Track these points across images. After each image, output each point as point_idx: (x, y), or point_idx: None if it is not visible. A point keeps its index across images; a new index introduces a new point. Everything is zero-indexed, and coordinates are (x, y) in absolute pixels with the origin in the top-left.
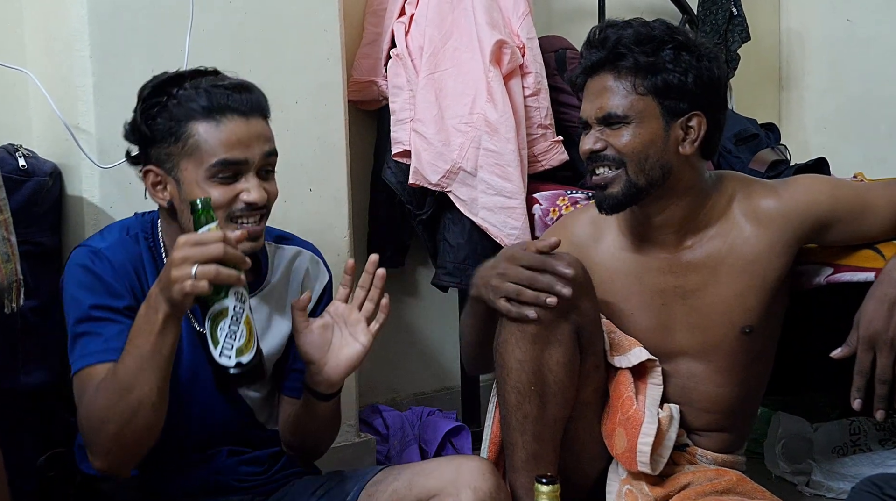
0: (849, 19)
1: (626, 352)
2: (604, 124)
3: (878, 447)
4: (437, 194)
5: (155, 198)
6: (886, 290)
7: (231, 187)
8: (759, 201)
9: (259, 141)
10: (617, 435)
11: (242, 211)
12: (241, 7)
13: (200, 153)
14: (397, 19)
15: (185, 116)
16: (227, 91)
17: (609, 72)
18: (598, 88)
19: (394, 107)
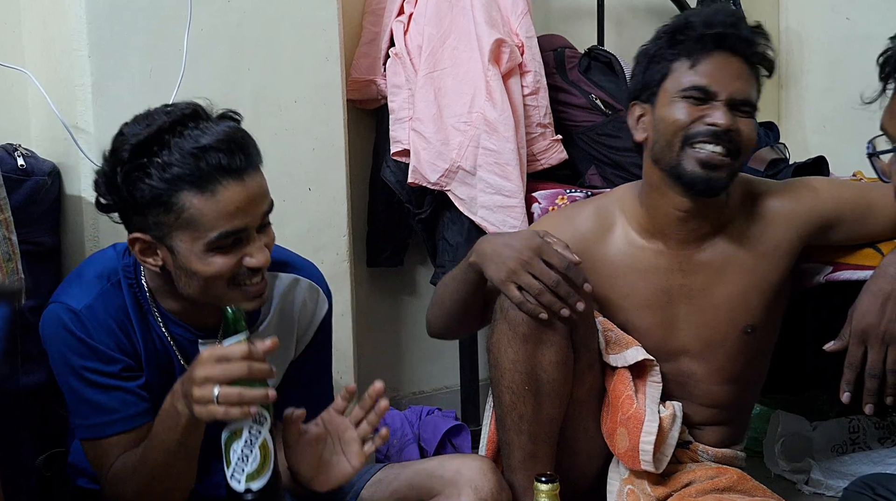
0: (848, 18)
1: (623, 351)
2: (735, 108)
3: (878, 445)
4: (436, 193)
5: (145, 264)
6: (881, 285)
7: (233, 254)
8: (765, 202)
9: (257, 202)
10: (618, 435)
11: (245, 275)
12: (240, 6)
13: (197, 227)
14: (396, 18)
15: (175, 184)
16: (218, 153)
17: (741, 58)
18: (736, 68)
19: (393, 106)
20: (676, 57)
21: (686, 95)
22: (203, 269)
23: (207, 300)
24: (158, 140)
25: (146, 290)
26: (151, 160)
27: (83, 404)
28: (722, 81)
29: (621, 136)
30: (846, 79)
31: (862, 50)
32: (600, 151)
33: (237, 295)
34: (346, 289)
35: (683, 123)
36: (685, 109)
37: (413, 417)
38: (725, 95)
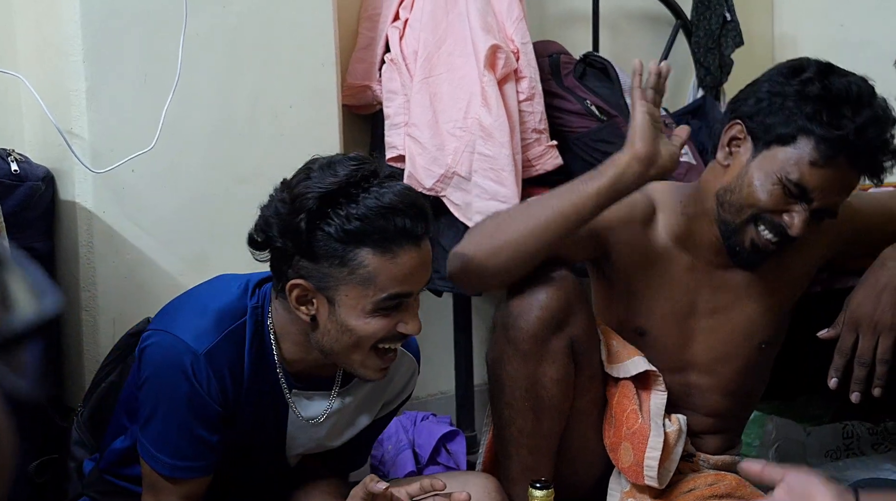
0: (842, 24)
1: (624, 361)
2: (816, 213)
3: (871, 451)
4: (431, 199)
5: (297, 312)
6: (878, 276)
7: (391, 318)
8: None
9: (427, 269)
10: (623, 449)
11: (393, 339)
12: (236, 11)
13: (370, 285)
14: (392, 24)
15: (357, 240)
16: (405, 217)
17: (855, 172)
18: (844, 183)
19: (388, 111)
20: (805, 135)
21: (786, 184)
22: (361, 327)
23: (339, 361)
24: (346, 193)
25: (270, 335)
26: (336, 211)
27: (159, 436)
28: (825, 192)
29: (616, 142)
30: None
31: (855, 56)
32: (595, 157)
33: (374, 362)
34: None
35: (764, 206)
36: (773, 192)
37: (408, 422)
38: (818, 205)
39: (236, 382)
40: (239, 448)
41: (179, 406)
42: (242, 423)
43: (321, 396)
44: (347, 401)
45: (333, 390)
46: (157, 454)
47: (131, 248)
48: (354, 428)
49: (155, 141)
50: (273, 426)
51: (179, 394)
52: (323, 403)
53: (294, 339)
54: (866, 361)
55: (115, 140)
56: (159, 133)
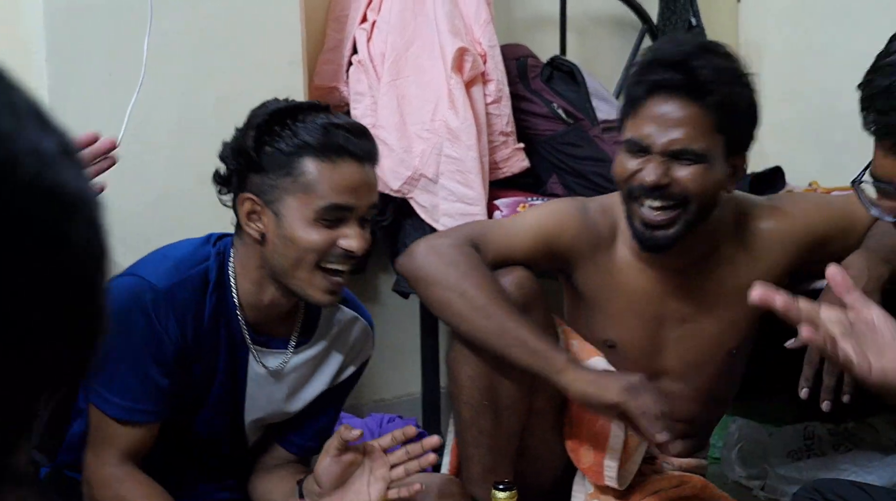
0: (805, 30)
1: (584, 361)
2: (670, 156)
3: (832, 451)
4: (398, 201)
5: (247, 227)
6: None
7: (332, 232)
8: (758, 224)
9: (369, 190)
10: (583, 450)
11: (337, 257)
12: (203, 11)
13: (311, 192)
14: (359, 25)
15: (301, 150)
16: (347, 133)
17: (691, 101)
18: (674, 115)
19: (355, 113)
20: (626, 101)
21: (626, 148)
22: (303, 237)
23: (292, 283)
24: (294, 113)
25: (231, 277)
26: (284, 128)
27: (112, 376)
28: (655, 135)
29: (583, 145)
30: (803, 89)
31: (819, 62)
32: (562, 159)
33: (320, 281)
34: None
35: (623, 176)
36: (625, 162)
37: (374, 425)
38: (661, 148)
39: (196, 324)
40: (195, 400)
41: (135, 343)
42: (200, 370)
43: (279, 352)
44: (304, 358)
45: (291, 339)
46: (106, 394)
47: None
48: (311, 390)
49: (119, 140)
50: (231, 378)
51: (137, 330)
52: (280, 357)
53: (252, 277)
54: (835, 371)
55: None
56: (123, 132)
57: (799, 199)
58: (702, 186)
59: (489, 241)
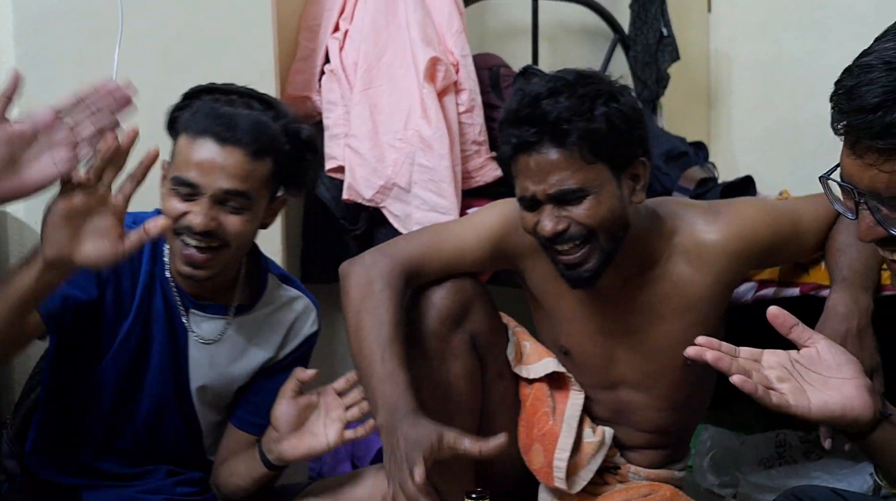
0: (775, 40)
1: (535, 363)
2: (557, 202)
3: (803, 459)
4: (370, 210)
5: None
6: (836, 326)
7: (183, 205)
8: (701, 237)
9: (222, 173)
10: (534, 451)
11: (183, 230)
12: (174, 21)
13: (174, 163)
14: (332, 35)
15: (183, 124)
16: (222, 118)
17: (552, 147)
18: (541, 165)
19: (328, 122)
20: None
21: (522, 206)
22: (163, 203)
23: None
24: (206, 92)
25: (165, 247)
26: (193, 103)
27: None
28: (534, 185)
29: None
30: (773, 99)
31: (789, 71)
32: None
33: (177, 249)
34: None
35: (529, 230)
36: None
37: None
38: (543, 196)
39: (132, 289)
40: (137, 364)
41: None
42: (138, 335)
43: (218, 317)
44: (243, 324)
45: (231, 307)
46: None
47: None
48: (253, 358)
49: None
50: (171, 342)
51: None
52: (220, 322)
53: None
54: None
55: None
56: None
57: (744, 207)
58: (597, 216)
59: (438, 255)
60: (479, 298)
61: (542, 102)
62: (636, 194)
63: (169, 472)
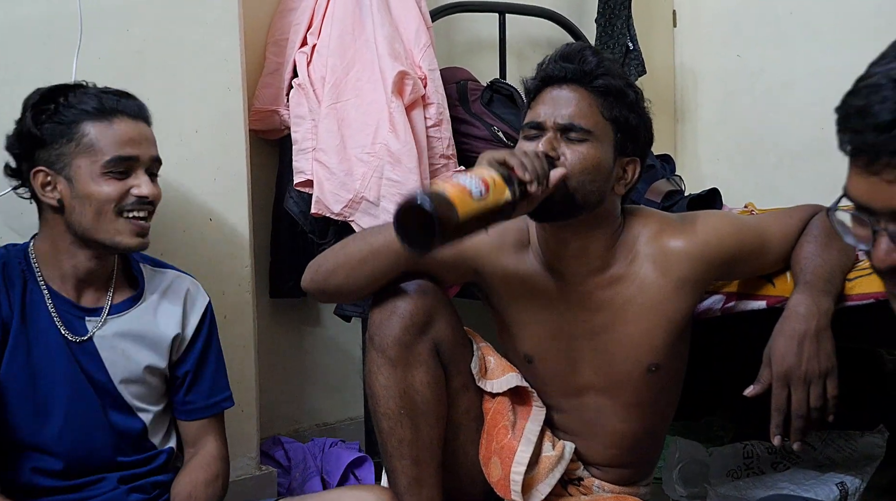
0: (739, 55)
1: (498, 377)
2: (563, 132)
3: (771, 470)
4: (339, 224)
5: (44, 198)
6: (794, 326)
7: (123, 183)
8: (666, 242)
9: (147, 143)
10: (492, 463)
11: (133, 205)
12: (140, 34)
13: (94, 151)
14: (299, 49)
15: (78, 117)
16: (116, 96)
17: (580, 86)
18: (564, 97)
19: (296, 136)
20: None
21: (523, 135)
22: (96, 191)
23: (98, 237)
24: (63, 91)
25: (32, 260)
26: (58, 102)
27: None
28: (547, 115)
29: None
30: (738, 113)
31: (751, 85)
32: None
33: (125, 227)
34: (248, 320)
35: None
36: (521, 145)
37: (316, 450)
38: (551, 123)
39: (8, 317)
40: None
41: None
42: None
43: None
44: (139, 313)
45: (108, 301)
46: None
47: None
48: (164, 338)
49: None
50: (73, 351)
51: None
52: (118, 319)
53: (60, 248)
54: (803, 413)
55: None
56: None
57: (711, 217)
58: (584, 161)
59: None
60: (443, 307)
61: (585, 53)
62: (619, 185)
63: (121, 479)
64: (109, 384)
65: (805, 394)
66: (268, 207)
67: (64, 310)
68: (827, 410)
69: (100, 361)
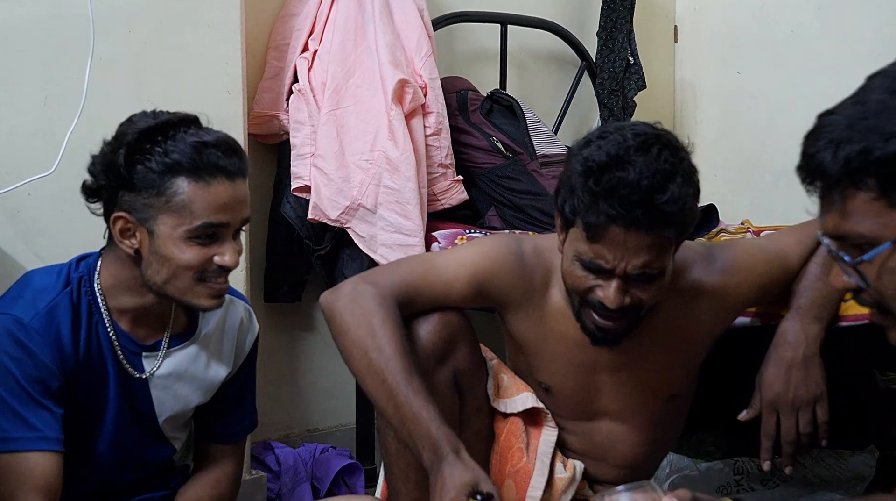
0: (738, 72)
1: (513, 396)
2: (631, 281)
3: (761, 487)
4: (336, 230)
5: (121, 245)
6: (783, 354)
7: (207, 249)
8: (697, 281)
9: (242, 206)
10: (506, 486)
11: (214, 273)
12: (142, 37)
13: (184, 212)
14: (300, 54)
15: (173, 170)
16: (218, 151)
17: (653, 231)
18: (635, 243)
19: (295, 142)
20: (575, 218)
21: (581, 265)
22: (177, 256)
23: (170, 293)
24: (164, 131)
25: (98, 292)
26: (154, 146)
27: (9, 415)
28: (621, 259)
29: (521, 179)
30: (736, 130)
31: (751, 103)
32: (500, 193)
33: (201, 291)
34: None
35: (579, 287)
36: (580, 275)
37: (307, 455)
38: (624, 272)
39: (75, 350)
40: (97, 417)
41: (18, 369)
42: (92, 392)
43: (171, 351)
44: (195, 350)
45: (167, 338)
46: (8, 432)
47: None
48: (215, 375)
49: (56, 165)
50: (127, 392)
51: (15, 358)
52: (173, 357)
53: (128, 285)
54: (792, 439)
55: (12, 162)
56: (61, 157)
57: (737, 252)
58: (658, 296)
59: (423, 289)
60: (464, 333)
61: (657, 190)
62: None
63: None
64: (154, 421)
65: (794, 420)
66: (265, 211)
67: (124, 345)
68: (818, 435)
69: (150, 399)
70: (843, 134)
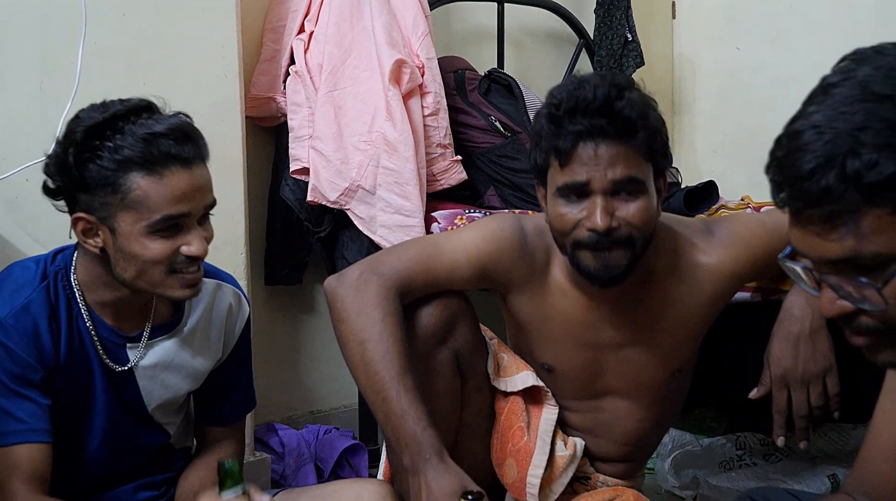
0: (737, 48)
1: (513, 375)
2: (615, 192)
3: (763, 462)
4: (335, 212)
5: (85, 245)
6: (789, 328)
7: (172, 241)
8: (696, 258)
9: (201, 192)
10: (507, 465)
11: (183, 263)
12: (136, 22)
13: (142, 208)
14: (296, 36)
15: (125, 166)
16: (169, 140)
17: (622, 139)
18: (608, 153)
19: (292, 124)
20: (548, 157)
21: (561, 196)
22: (141, 252)
23: (143, 287)
24: (112, 125)
25: (76, 287)
26: (104, 143)
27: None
28: (578, 171)
29: (519, 158)
30: (735, 106)
31: (750, 79)
32: (499, 172)
33: (174, 282)
34: None
35: (565, 227)
36: (564, 211)
37: (310, 437)
38: (601, 186)
39: (54, 342)
40: (85, 410)
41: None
42: (77, 384)
43: (157, 341)
44: (183, 337)
45: (146, 329)
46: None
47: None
48: (205, 362)
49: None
50: (113, 383)
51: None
52: (159, 345)
53: (100, 283)
54: (804, 414)
55: (9, 149)
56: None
57: (737, 226)
58: (645, 218)
59: (427, 276)
60: (465, 314)
61: (614, 99)
62: (659, 205)
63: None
64: (143, 410)
65: (804, 395)
66: (264, 194)
67: (106, 338)
68: (830, 407)
69: (137, 390)
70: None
